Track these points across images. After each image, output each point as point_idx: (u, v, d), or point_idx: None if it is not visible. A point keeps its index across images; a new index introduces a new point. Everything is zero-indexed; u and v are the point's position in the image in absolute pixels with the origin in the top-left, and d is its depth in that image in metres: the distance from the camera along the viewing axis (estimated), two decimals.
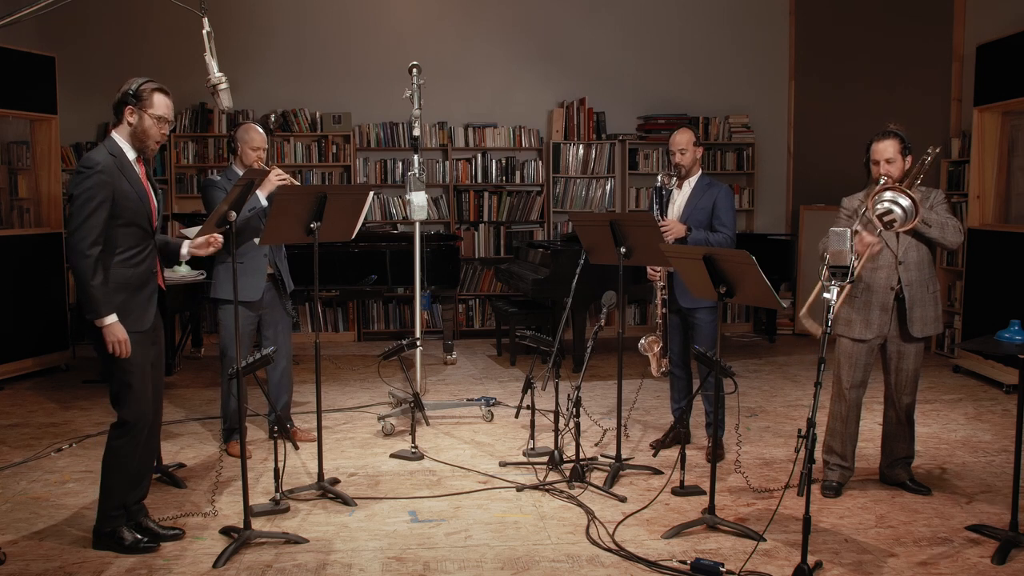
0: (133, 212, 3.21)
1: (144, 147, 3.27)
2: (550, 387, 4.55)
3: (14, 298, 6.21)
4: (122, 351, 3.17)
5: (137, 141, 3.25)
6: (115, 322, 3.15)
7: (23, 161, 6.91)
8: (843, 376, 3.89)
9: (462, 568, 3.20)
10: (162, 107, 3.25)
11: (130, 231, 3.22)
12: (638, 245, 4.01)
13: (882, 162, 3.73)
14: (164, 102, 3.26)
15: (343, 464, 4.40)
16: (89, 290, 3.10)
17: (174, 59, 7.52)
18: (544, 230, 8.25)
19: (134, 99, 3.21)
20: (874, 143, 3.80)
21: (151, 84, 3.25)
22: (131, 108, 3.22)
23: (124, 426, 3.27)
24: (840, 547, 3.37)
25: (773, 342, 7.85)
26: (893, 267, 3.76)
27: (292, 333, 4.80)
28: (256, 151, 4.39)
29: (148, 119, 3.22)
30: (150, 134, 3.25)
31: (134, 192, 3.21)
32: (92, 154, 3.18)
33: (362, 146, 8.04)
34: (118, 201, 3.15)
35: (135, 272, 3.24)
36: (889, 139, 3.75)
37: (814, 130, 8.30)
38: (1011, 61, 6.03)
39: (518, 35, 8.16)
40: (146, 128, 3.23)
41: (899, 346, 3.83)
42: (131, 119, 3.23)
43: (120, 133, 3.25)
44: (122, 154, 3.22)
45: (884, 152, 3.74)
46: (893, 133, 3.77)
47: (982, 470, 4.28)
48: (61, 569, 3.19)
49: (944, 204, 3.81)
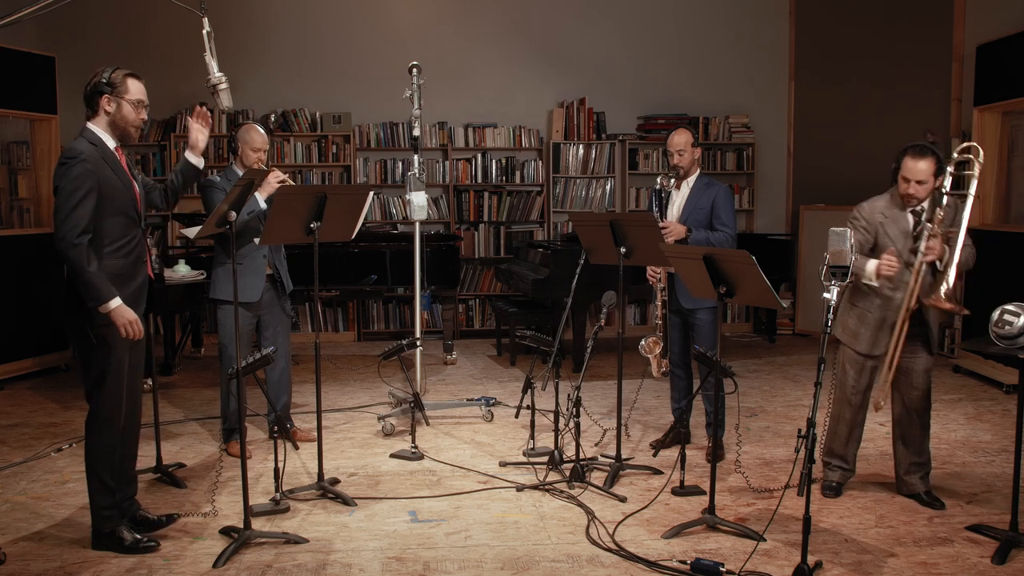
0: (119, 201, 3.21)
1: (125, 133, 3.28)
2: (550, 387, 4.55)
3: (14, 298, 6.21)
4: (134, 331, 3.16)
5: (117, 129, 3.25)
6: (120, 304, 3.13)
7: (23, 161, 6.92)
8: (848, 381, 3.84)
9: (462, 568, 3.20)
10: (137, 91, 3.27)
11: (117, 220, 3.20)
12: (638, 245, 4.01)
13: (913, 182, 3.54)
14: (138, 86, 3.28)
15: (343, 464, 4.40)
16: (87, 276, 3.07)
17: (174, 59, 7.53)
18: (544, 230, 8.25)
19: (108, 87, 3.22)
20: (907, 157, 3.54)
21: (122, 71, 3.26)
22: (107, 97, 3.22)
23: (97, 418, 3.25)
24: (840, 547, 3.37)
25: (773, 342, 7.84)
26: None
27: (291, 333, 4.80)
28: (257, 152, 4.39)
29: (126, 105, 3.23)
30: (129, 119, 3.25)
31: (119, 181, 3.21)
32: (74, 144, 3.17)
33: (362, 146, 8.04)
34: (104, 190, 3.15)
35: (125, 263, 3.24)
36: (927, 159, 3.52)
37: (814, 130, 8.30)
38: (1011, 61, 6.03)
39: (518, 35, 8.16)
40: (125, 115, 3.24)
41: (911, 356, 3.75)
42: (108, 107, 3.23)
43: (97, 124, 3.25)
44: (103, 143, 3.22)
45: (918, 173, 3.52)
46: (931, 151, 3.54)
47: (982, 470, 4.28)
48: (61, 569, 3.19)
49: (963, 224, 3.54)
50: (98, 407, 3.26)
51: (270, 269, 4.49)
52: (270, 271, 4.49)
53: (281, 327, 4.60)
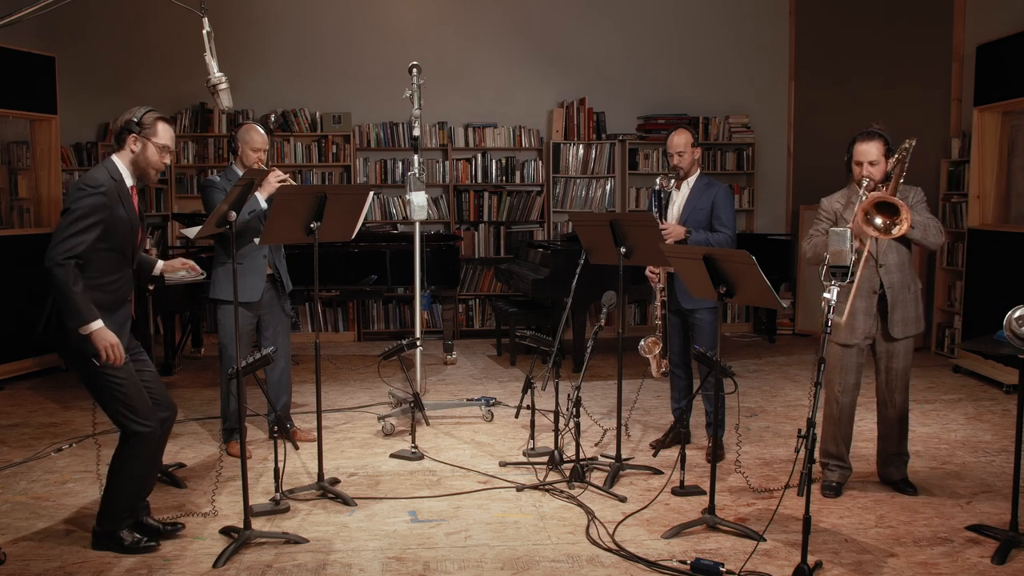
0: (121, 240, 3.19)
1: (145, 175, 3.27)
2: (550, 387, 4.55)
3: (14, 298, 6.21)
4: (115, 356, 3.09)
5: (138, 169, 3.25)
6: (102, 327, 3.06)
7: (23, 161, 6.92)
8: (834, 380, 3.89)
9: (462, 568, 3.20)
10: (166, 136, 3.26)
11: (111, 257, 3.18)
12: (638, 245, 4.01)
13: (865, 164, 3.68)
14: (168, 131, 3.28)
15: (343, 464, 4.40)
16: (71, 296, 3.01)
17: (174, 59, 7.53)
18: (544, 230, 8.25)
19: (138, 127, 3.21)
20: (857, 143, 3.72)
21: (154, 113, 3.26)
22: (135, 136, 3.21)
23: (136, 437, 3.24)
24: (840, 547, 3.37)
25: (773, 342, 7.84)
26: (874, 270, 3.75)
27: (292, 333, 4.80)
28: (257, 152, 4.39)
29: (152, 147, 3.23)
30: (152, 162, 3.25)
31: (128, 220, 3.20)
32: (96, 174, 3.15)
33: (362, 146, 8.04)
34: (110, 227, 3.13)
35: (107, 299, 3.18)
36: (873, 140, 3.69)
37: (814, 130, 8.30)
38: (1011, 61, 6.03)
39: (518, 35, 8.16)
40: (148, 156, 3.24)
41: (887, 346, 3.84)
42: (134, 147, 3.22)
43: (121, 159, 3.24)
44: (122, 180, 3.21)
45: (868, 154, 3.68)
46: (878, 134, 3.70)
47: (982, 470, 4.28)
48: (61, 569, 3.19)
49: (924, 203, 3.76)
50: (127, 426, 3.21)
51: (270, 269, 4.49)
52: (270, 271, 4.49)
53: (281, 327, 4.60)
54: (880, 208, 3.46)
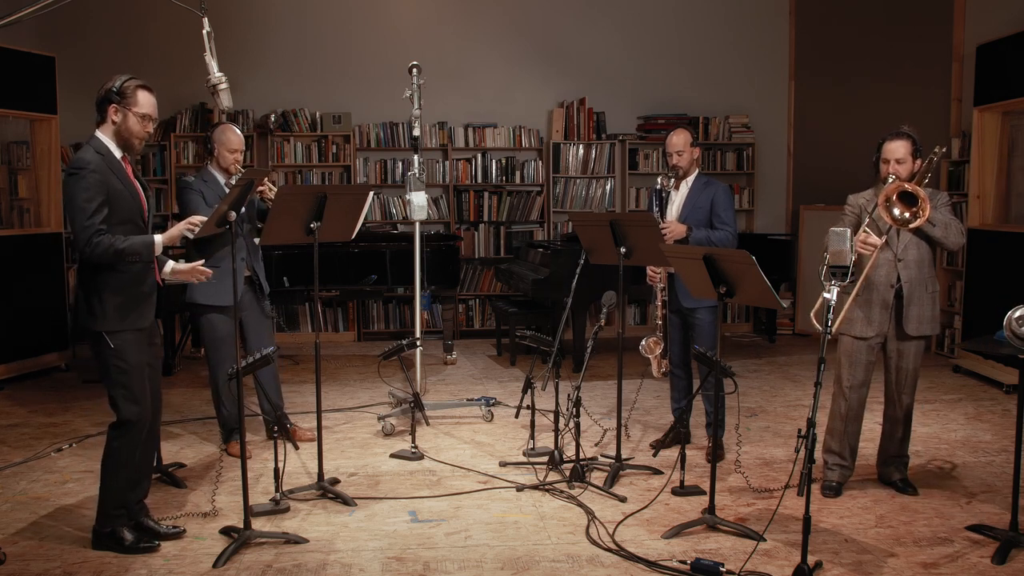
0: (127, 210, 3.21)
1: (129, 145, 3.26)
2: (550, 387, 4.55)
3: (14, 298, 6.21)
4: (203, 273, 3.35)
5: (121, 139, 3.24)
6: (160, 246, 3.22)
7: (23, 161, 6.91)
8: (844, 375, 3.89)
9: (462, 568, 3.20)
10: (147, 105, 3.24)
11: (125, 229, 3.20)
12: (638, 245, 4.01)
13: (892, 162, 3.74)
14: (149, 99, 3.25)
15: (343, 464, 4.40)
16: (121, 252, 3.11)
17: (174, 59, 7.52)
18: (544, 230, 8.25)
19: (118, 97, 3.19)
20: (886, 142, 3.80)
21: (134, 81, 3.22)
22: (115, 106, 3.20)
23: (123, 426, 3.27)
24: (840, 547, 3.37)
25: (773, 342, 7.84)
26: (893, 264, 3.77)
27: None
28: (234, 153, 4.34)
29: (132, 117, 3.21)
30: (134, 132, 3.23)
31: (126, 190, 3.21)
32: (81, 154, 3.15)
33: (362, 146, 8.04)
34: (112, 200, 3.15)
35: (133, 269, 3.24)
36: (902, 139, 3.77)
37: (814, 130, 8.30)
38: (1011, 61, 6.03)
39: (518, 35, 8.16)
40: (130, 126, 3.21)
41: (899, 345, 3.84)
42: (115, 117, 3.21)
43: (104, 132, 3.23)
44: (109, 153, 3.21)
45: (896, 152, 3.75)
46: (907, 134, 3.78)
47: (982, 470, 4.28)
48: (61, 569, 3.19)
49: (948, 206, 3.83)
50: (122, 411, 3.26)
51: (248, 271, 4.47)
52: (248, 273, 4.47)
53: (263, 328, 4.58)
54: (902, 199, 3.52)
